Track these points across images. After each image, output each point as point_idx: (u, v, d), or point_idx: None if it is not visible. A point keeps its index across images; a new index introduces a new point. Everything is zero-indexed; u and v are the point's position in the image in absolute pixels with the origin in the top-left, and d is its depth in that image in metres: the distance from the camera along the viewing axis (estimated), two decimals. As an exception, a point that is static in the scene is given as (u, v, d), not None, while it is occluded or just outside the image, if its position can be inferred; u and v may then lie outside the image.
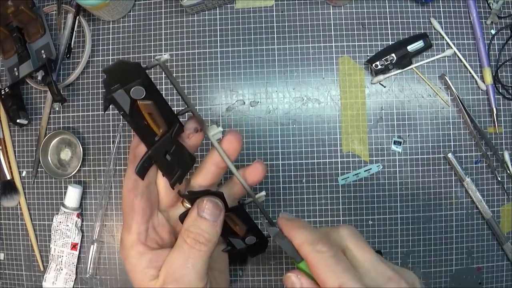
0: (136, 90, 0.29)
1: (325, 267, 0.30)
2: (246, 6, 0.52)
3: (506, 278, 0.49)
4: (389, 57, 0.49)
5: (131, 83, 0.29)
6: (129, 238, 0.34)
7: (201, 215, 0.33)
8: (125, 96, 0.29)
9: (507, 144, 0.49)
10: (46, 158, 0.53)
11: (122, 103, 0.30)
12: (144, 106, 0.30)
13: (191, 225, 0.33)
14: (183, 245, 0.33)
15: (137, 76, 0.29)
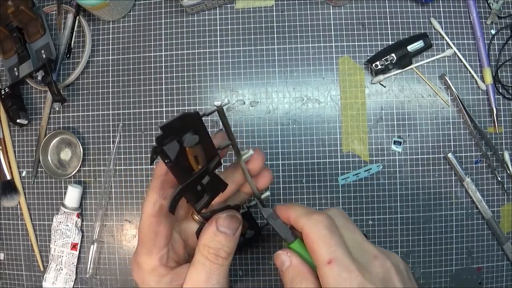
0: (190, 138, 0.28)
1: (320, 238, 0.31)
2: (246, 6, 0.52)
3: (506, 278, 0.49)
4: (389, 57, 0.49)
5: (185, 132, 0.28)
6: (150, 262, 0.34)
7: (220, 230, 0.33)
8: (176, 146, 0.28)
9: (507, 144, 0.49)
10: (46, 158, 0.53)
11: (170, 153, 0.28)
12: (191, 150, 0.29)
13: (211, 241, 0.33)
14: (205, 262, 0.33)
15: (193, 124, 0.28)
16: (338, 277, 0.29)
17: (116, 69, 0.53)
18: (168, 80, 0.52)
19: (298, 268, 0.33)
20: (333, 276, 0.29)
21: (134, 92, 0.53)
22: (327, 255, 0.30)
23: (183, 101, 0.52)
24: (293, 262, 0.33)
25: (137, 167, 0.52)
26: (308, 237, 0.31)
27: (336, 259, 0.29)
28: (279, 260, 0.34)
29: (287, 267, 0.33)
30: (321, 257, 0.30)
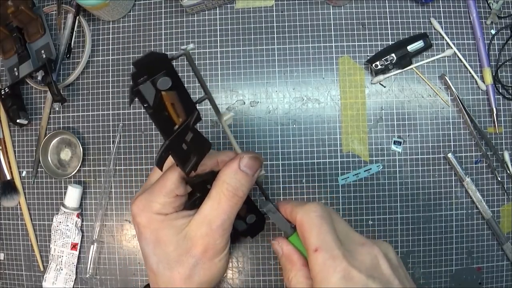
0: (162, 81, 0.29)
1: (311, 226, 0.32)
2: (246, 6, 0.52)
3: (506, 278, 0.49)
4: (389, 57, 0.49)
5: (157, 74, 0.29)
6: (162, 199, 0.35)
7: (242, 168, 0.34)
8: (151, 88, 0.29)
9: (507, 144, 0.49)
10: (46, 158, 0.53)
11: (147, 95, 0.29)
12: (167, 96, 0.30)
13: (231, 178, 0.34)
14: (221, 197, 0.34)
15: (163, 67, 0.29)
16: (323, 264, 0.30)
17: (116, 69, 0.53)
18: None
19: (288, 256, 0.34)
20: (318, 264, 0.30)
21: (134, 92, 0.53)
22: (315, 243, 0.31)
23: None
24: (284, 250, 0.35)
25: (137, 167, 0.52)
26: (301, 225, 0.33)
27: (323, 247, 0.30)
28: (274, 249, 0.36)
29: (280, 255, 0.35)
30: (310, 245, 0.31)
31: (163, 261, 0.35)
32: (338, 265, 0.29)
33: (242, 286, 0.50)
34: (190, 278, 0.34)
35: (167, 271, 0.35)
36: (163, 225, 0.35)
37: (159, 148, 0.32)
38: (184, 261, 0.34)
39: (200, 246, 0.34)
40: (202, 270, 0.35)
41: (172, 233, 0.34)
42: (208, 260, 0.34)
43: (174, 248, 0.34)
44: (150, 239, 0.35)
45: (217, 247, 0.34)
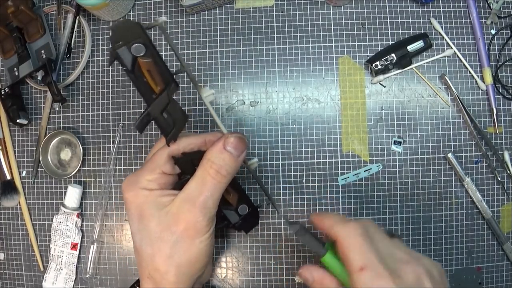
0: (136, 47, 0.32)
1: (353, 245, 0.31)
2: (246, 6, 0.52)
3: (506, 278, 0.49)
4: (389, 57, 0.49)
5: (134, 40, 0.32)
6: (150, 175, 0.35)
7: (226, 148, 0.35)
8: (128, 53, 0.32)
9: (507, 144, 0.49)
10: (46, 158, 0.53)
11: (125, 60, 0.32)
12: (144, 63, 0.33)
13: (216, 157, 0.34)
14: (206, 176, 0.34)
15: (138, 35, 0.32)
16: (369, 283, 0.29)
17: (116, 69, 0.53)
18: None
19: (321, 281, 0.34)
20: (364, 283, 0.30)
21: (134, 92, 0.53)
22: (360, 261, 0.30)
23: (183, 101, 0.52)
24: (315, 277, 0.34)
25: (137, 167, 0.52)
26: (342, 244, 0.32)
27: (369, 265, 0.30)
28: (303, 278, 0.35)
29: (311, 282, 0.34)
30: (354, 263, 0.31)
31: (145, 237, 0.35)
32: (385, 284, 0.29)
33: (242, 286, 0.50)
34: (170, 257, 0.34)
35: (148, 248, 0.35)
36: (147, 200, 0.35)
37: (140, 115, 0.34)
38: (164, 238, 0.34)
39: (182, 222, 0.34)
40: (182, 249, 0.34)
41: (155, 208, 0.34)
42: (188, 238, 0.34)
43: (156, 224, 0.34)
44: (134, 215, 0.35)
45: (198, 225, 0.34)
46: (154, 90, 0.34)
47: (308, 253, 0.49)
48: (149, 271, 0.35)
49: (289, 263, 0.50)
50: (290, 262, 0.49)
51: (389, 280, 0.29)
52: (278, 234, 0.50)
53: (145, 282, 0.36)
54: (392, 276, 0.30)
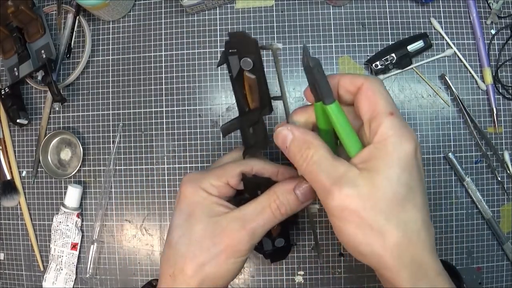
0: (246, 61, 0.32)
1: (382, 92, 0.31)
2: (246, 6, 0.52)
3: (506, 278, 0.49)
4: (389, 57, 0.49)
5: (246, 54, 0.32)
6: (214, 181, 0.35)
7: (295, 191, 0.34)
8: (237, 63, 0.33)
9: (507, 144, 0.49)
10: (46, 158, 0.53)
11: (232, 67, 0.34)
12: (247, 78, 0.34)
13: (282, 195, 0.34)
14: (266, 207, 0.34)
15: (251, 51, 0.32)
16: (398, 129, 0.29)
17: (116, 69, 0.53)
18: (168, 80, 0.52)
19: (302, 137, 0.31)
20: (393, 127, 0.29)
21: (134, 92, 0.53)
22: (389, 107, 0.30)
23: (183, 101, 0.52)
24: (295, 133, 0.32)
25: (137, 167, 0.52)
26: (369, 89, 0.31)
27: (397, 114, 0.30)
28: (281, 136, 0.32)
29: (290, 140, 0.32)
30: (383, 107, 0.30)
31: (185, 236, 0.34)
32: (413, 136, 0.29)
33: (242, 286, 0.50)
34: (202, 265, 0.34)
35: (184, 247, 0.34)
36: (203, 202, 0.35)
37: (230, 120, 0.36)
38: (204, 245, 0.34)
39: (226, 238, 0.33)
40: (215, 263, 0.34)
41: (206, 213, 0.34)
42: (225, 255, 0.34)
43: (202, 228, 0.34)
44: (184, 210, 0.35)
45: (240, 247, 0.34)
46: (248, 105, 0.35)
47: (309, 253, 0.49)
48: (175, 270, 0.34)
49: (289, 263, 0.50)
50: (290, 262, 0.49)
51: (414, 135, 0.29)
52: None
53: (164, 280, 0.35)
54: None
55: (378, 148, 0.29)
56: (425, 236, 0.28)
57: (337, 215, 0.29)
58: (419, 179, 0.29)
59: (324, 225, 0.50)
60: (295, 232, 0.50)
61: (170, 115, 0.52)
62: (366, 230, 0.28)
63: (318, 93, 0.32)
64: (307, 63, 0.31)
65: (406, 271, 0.28)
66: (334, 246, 0.49)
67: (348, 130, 0.31)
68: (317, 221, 0.50)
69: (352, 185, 0.28)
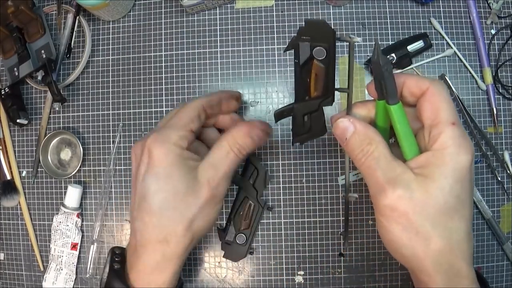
0: (319, 50, 0.32)
1: (447, 101, 0.31)
2: (246, 6, 0.52)
3: (506, 278, 0.49)
4: (389, 57, 0.49)
5: (319, 43, 0.32)
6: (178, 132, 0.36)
7: (251, 135, 0.38)
8: (307, 50, 0.32)
9: (507, 144, 0.49)
10: (46, 158, 0.53)
11: (301, 54, 0.32)
12: (317, 66, 0.33)
13: (240, 139, 0.37)
14: (229, 150, 0.37)
15: (326, 40, 0.32)
16: (459, 140, 0.29)
17: (116, 69, 0.53)
18: (168, 80, 0.52)
19: (364, 132, 0.31)
20: (454, 137, 0.29)
21: (134, 92, 0.53)
22: (452, 116, 0.30)
23: (183, 101, 0.52)
24: (358, 127, 0.32)
25: (137, 167, 0.52)
26: (435, 94, 0.31)
27: (459, 125, 0.30)
28: (341, 128, 0.33)
29: (351, 132, 0.32)
30: (446, 116, 0.30)
31: (170, 199, 0.34)
32: (471, 149, 0.30)
33: (242, 286, 0.50)
34: (192, 222, 0.35)
35: (169, 211, 0.34)
36: (178, 159, 0.35)
37: (284, 105, 0.36)
38: (190, 202, 0.35)
39: (207, 189, 0.35)
40: (203, 215, 0.35)
41: (185, 171, 0.35)
42: (210, 205, 0.36)
43: (184, 186, 0.35)
44: (162, 174, 0.35)
45: (219, 193, 0.36)
46: (309, 93, 0.35)
47: (308, 253, 0.49)
48: (166, 234, 0.34)
49: (289, 263, 0.50)
50: (290, 262, 0.49)
51: (473, 148, 0.30)
52: (278, 234, 0.50)
53: (152, 248, 0.35)
54: None
55: (436, 156, 0.29)
56: (466, 247, 0.29)
57: (386, 214, 0.30)
58: (470, 191, 0.30)
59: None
60: (294, 232, 0.50)
61: (170, 115, 0.52)
62: (412, 234, 0.29)
63: (383, 91, 0.31)
64: (377, 60, 0.31)
65: (443, 276, 0.29)
66: (334, 246, 0.49)
67: (408, 133, 0.31)
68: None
69: (406, 187, 0.29)
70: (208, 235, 0.50)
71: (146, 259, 0.35)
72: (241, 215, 0.48)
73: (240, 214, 0.48)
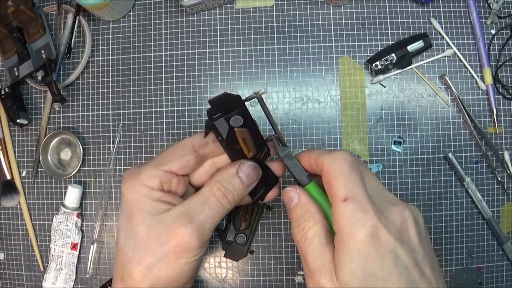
0: (235, 119, 0.33)
1: (340, 174, 0.29)
2: (246, 6, 0.52)
3: (506, 278, 0.49)
4: (389, 57, 0.49)
5: (231, 112, 0.33)
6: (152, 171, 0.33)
7: (239, 174, 0.34)
8: (225, 124, 0.33)
9: (507, 144, 0.49)
10: (46, 158, 0.53)
11: (221, 130, 0.33)
12: (239, 132, 0.33)
13: (226, 181, 0.33)
14: (211, 196, 0.33)
15: (236, 106, 0.33)
16: (351, 216, 0.27)
17: (116, 69, 0.53)
18: (168, 80, 0.52)
19: (306, 206, 0.31)
20: (346, 215, 0.27)
21: (134, 92, 0.53)
22: (344, 191, 0.28)
23: (183, 101, 0.52)
24: (301, 200, 0.31)
25: (137, 167, 0.52)
26: (327, 172, 0.29)
27: (353, 197, 0.28)
28: (288, 196, 0.32)
29: (295, 204, 0.32)
30: (337, 193, 0.28)
31: (130, 239, 0.32)
32: (368, 220, 0.27)
33: (242, 286, 0.50)
34: (150, 269, 0.31)
35: (129, 251, 0.32)
36: (141, 199, 0.32)
37: None
38: (149, 247, 0.31)
39: (173, 237, 0.31)
40: (165, 264, 0.31)
41: (148, 212, 0.32)
42: (175, 255, 0.31)
43: (145, 229, 0.32)
44: (125, 211, 0.33)
45: (190, 245, 0.31)
46: (246, 156, 0.35)
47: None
48: (124, 274, 0.32)
49: (289, 263, 0.50)
50: (290, 262, 0.49)
51: (373, 216, 0.27)
52: (278, 234, 0.50)
53: (117, 283, 0.33)
54: (376, 212, 0.27)
55: (337, 241, 0.28)
56: None
57: None
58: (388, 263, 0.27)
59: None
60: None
61: (170, 115, 0.52)
62: None
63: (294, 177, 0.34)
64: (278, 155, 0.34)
65: None
66: (334, 246, 0.49)
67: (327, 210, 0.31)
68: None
69: (329, 278, 0.28)
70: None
71: None
72: (241, 215, 0.48)
73: (240, 214, 0.48)
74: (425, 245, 0.29)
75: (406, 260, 0.27)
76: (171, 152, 0.34)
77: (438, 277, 0.29)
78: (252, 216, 0.48)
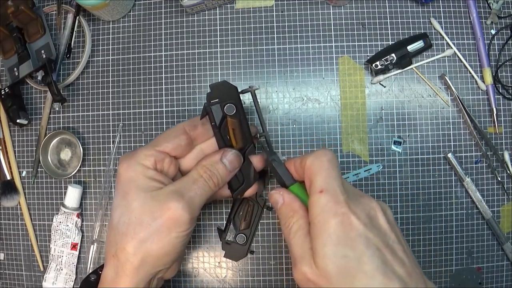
0: (229, 107, 0.37)
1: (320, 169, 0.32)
2: (246, 6, 0.52)
3: (506, 278, 0.49)
4: (389, 57, 0.49)
5: (227, 101, 0.37)
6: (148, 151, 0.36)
7: (223, 160, 0.37)
8: (220, 110, 0.37)
9: (507, 144, 0.49)
10: (46, 158, 0.53)
11: (215, 115, 0.37)
12: (231, 121, 0.38)
13: (211, 165, 0.37)
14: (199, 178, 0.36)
15: (232, 97, 0.37)
16: (324, 206, 0.30)
17: (116, 69, 0.53)
18: (168, 80, 0.52)
19: (290, 204, 0.34)
20: (319, 206, 0.31)
21: (134, 92, 0.53)
22: (321, 185, 0.31)
23: (183, 101, 0.52)
24: (285, 199, 0.35)
25: (137, 167, 0.52)
26: (310, 168, 0.33)
27: (328, 190, 0.31)
28: (273, 199, 0.36)
29: (280, 204, 0.35)
30: (315, 187, 0.32)
31: (125, 215, 0.34)
32: (339, 209, 0.30)
33: (242, 286, 0.50)
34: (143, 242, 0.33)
35: (124, 227, 0.34)
36: (137, 177, 0.35)
37: None
38: (143, 221, 0.34)
39: (166, 211, 0.34)
40: (157, 237, 0.33)
41: (142, 189, 0.34)
42: (167, 229, 0.34)
43: (139, 205, 0.34)
44: (120, 189, 0.35)
45: (181, 218, 0.34)
46: (233, 146, 0.39)
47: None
48: (117, 249, 0.34)
49: (289, 263, 0.50)
50: (290, 262, 0.49)
51: (345, 206, 0.30)
52: (278, 234, 0.50)
53: (109, 262, 0.35)
54: (348, 204, 0.30)
55: (312, 228, 0.31)
56: None
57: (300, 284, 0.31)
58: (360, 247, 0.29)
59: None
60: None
61: (170, 115, 0.52)
62: None
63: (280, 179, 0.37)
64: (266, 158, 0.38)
65: None
66: (334, 246, 0.49)
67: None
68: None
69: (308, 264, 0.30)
70: (208, 235, 0.51)
71: (105, 273, 0.36)
72: (241, 215, 0.48)
73: (240, 214, 0.48)
74: (396, 232, 0.32)
75: (377, 242, 0.30)
76: (165, 135, 0.38)
77: (412, 260, 0.31)
78: (252, 216, 0.48)
